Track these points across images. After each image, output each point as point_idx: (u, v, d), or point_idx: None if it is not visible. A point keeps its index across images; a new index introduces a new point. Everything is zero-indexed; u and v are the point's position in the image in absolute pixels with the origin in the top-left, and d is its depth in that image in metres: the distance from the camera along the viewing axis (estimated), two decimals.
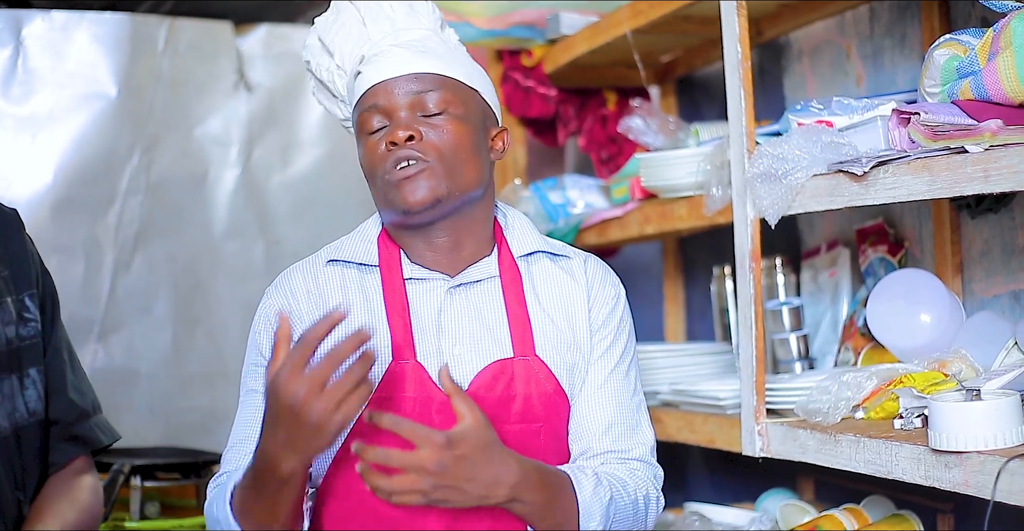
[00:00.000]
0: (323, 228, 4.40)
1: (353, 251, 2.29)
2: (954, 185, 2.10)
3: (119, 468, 3.51)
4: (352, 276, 2.27)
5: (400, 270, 2.25)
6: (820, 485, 3.41)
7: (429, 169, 2.17)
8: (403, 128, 2.17)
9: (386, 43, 2.28)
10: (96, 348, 4.08)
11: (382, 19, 2.33)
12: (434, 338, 2.21)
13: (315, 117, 4.49)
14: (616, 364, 2.33)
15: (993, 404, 2.05)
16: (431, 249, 2.25)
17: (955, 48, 2.34)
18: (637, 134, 3.44)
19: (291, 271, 2.31)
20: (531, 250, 2.33)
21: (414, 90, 2.21)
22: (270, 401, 1.94)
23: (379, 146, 2.21)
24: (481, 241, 2.29)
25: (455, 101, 2.23)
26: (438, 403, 2.16)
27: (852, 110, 2.61)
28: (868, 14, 3.17)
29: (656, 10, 3.16)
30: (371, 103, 2.22)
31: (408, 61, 2.23)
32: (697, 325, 4.04)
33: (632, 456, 2.30)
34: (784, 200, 2.50)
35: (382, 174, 2.20)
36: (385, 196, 2.21)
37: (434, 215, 2.20)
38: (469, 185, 2.22)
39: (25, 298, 2.25)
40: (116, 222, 4.13)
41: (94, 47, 4.13)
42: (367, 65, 2.26)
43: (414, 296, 2.24)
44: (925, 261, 2.96)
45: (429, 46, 2.28)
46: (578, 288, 2.33)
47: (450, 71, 2.24)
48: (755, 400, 2.65)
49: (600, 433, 2.28)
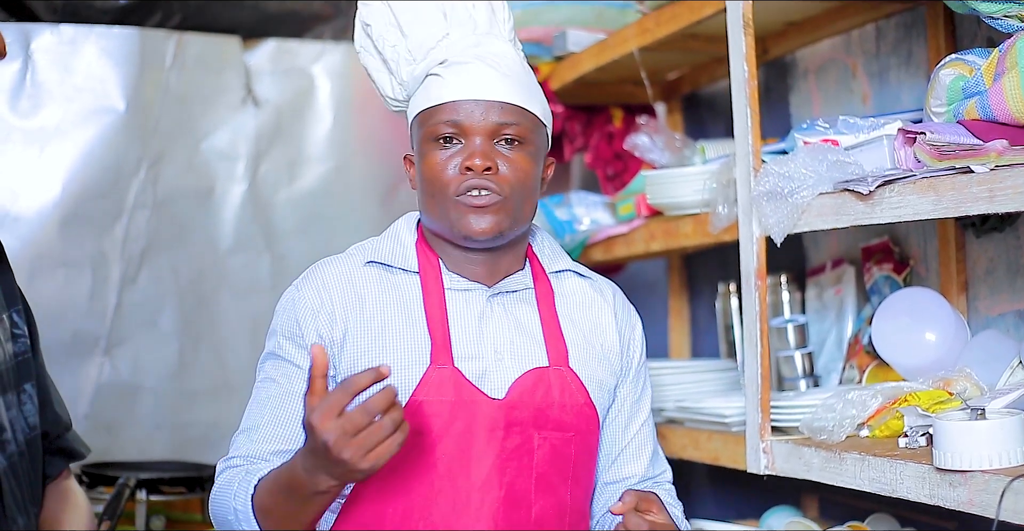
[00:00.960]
0: (329, 243, 4.39)
1: (391, 255, 2.31)
2: (960, 205, 2.11)
3: (124, 482, 3.52)
4: (390, 280, 2.29)
5: (440, 278, 2.28)
6: (824, 503, 3.41)
7: (500, 204, 2.21)
8: (481, 156, 2.19)
9: (470, 52, 2.27)
10: (102, 362, 4.08)
11: (464, 18, 2.33)
12: (474, 344, 2.25)
13: (322, 132, 4.49)
14: (642, 391, 2.44)
15: (998, 423, 2.05)
16: (470, 263, 2.29)
17: (961, 68, 2.35)
18: (643, 151, 3.44)
19: (323, 266, 2.32)
20: (561, 268, 2.41)
21: (497, 119, 2.22)
22: (307, 433, 1.97)
23: (450, 164, 2.22)
24: (517, 258, 2.34)
25: (530, 137, 2.26)
26: (473, 407, 2.20)
27: (858, 129, 2.62)
28: (874, 33, 3.18)
29: (663, 28, 3.17)
30: (451, 117, 2.23)
31: (495, 85, 2.24)
32: (702, 342, 4.04)
33: (666, 479, 2.45)
34: (790, 218, 2.50)
35: (452, 194, 2.21)
36: (448, 215, 2.23)
37: (491, 245, 2.25)
38: (527, 218, 2.29)
39: (13, 314, 2.26)
40: (123, 236, 4.14)
41: (102, 61, 4.14)
42: (450, 72, 2.26)
43: (454, 303, 2.27)
44: (930, 279, 2.97)
45: (514, 70, 2.28)
46: (607, 308, 2.41)
47: (531, 105, 2.27)
48: (760, 417, 2.65)
49: (648, 460, 2.40)
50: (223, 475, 2.22)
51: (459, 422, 2.19)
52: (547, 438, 2.19)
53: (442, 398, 2.19)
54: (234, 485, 2.16)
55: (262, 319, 4.32)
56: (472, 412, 2.20)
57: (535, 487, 2.20)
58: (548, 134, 2.35)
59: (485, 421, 2.19)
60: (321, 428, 1.92)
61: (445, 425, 2.19)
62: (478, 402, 2.20)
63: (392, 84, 2.38)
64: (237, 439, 2.26)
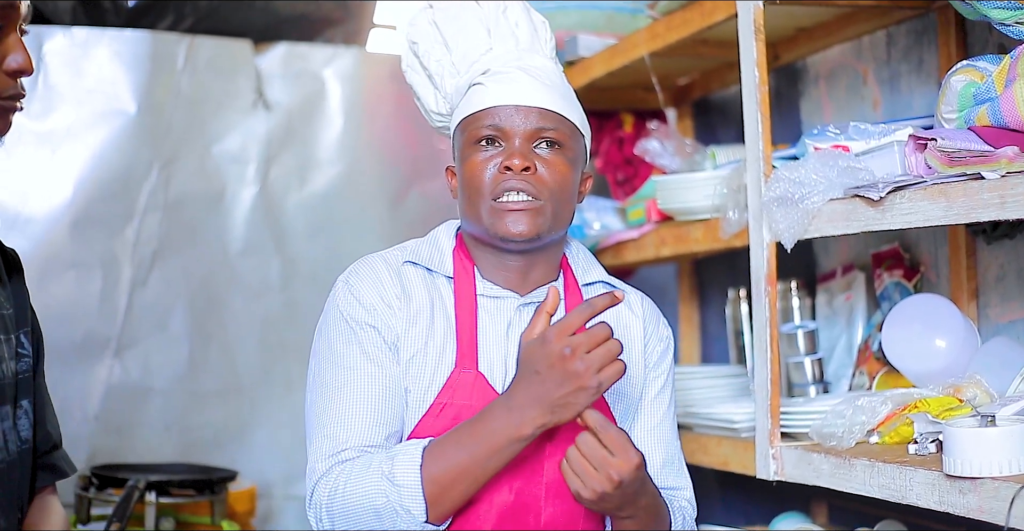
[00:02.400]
0: (339, 247, 4.41)
1: (429, 258, 2.33)
2: (970, 211, 2.11)
3: (134, 484, 3.52)
4: (429, 281, 2.31)
5: (474, 284, 2.30)
6: (834, 509, 3.41)
7: (539, 207, 2.23)
8: (520, 156, 2.23)
9: (512, 64, 2.32)
10: (112, 364, 4.09)
11: (507, 34, 2.38)
12: (500, 351, 2.27)
13: (333, 136, 4.50)
14: (668, 405, 2.44)
15: (1008, 430, 2.04)
16: (504, 269, 2.31)
17: (972, 74, 2.35)
18: (654, 156, 3.45)
19: (370, 261, 2.32)
20: (594, 280, 2.42)
21: (537, 124, 2.26)
22: (535, 353, 2.01)
23: (489, 164, 2.25)
24: (551, 268, 2.36)
25: (568, 143, 2.29)
26: None
27: (869, 135, 2.62)
28: (885, 39, 3.18)
29: (673, 33, 3.17)
30: (491, 121, 2.26)
31: (537, 92, 2.28)
32: (712, 348, 4.04)
33: (683, 496, 2.42)
34: (800, 224, 2.50)
35: (490, 196, 2.24)
36: (486, 217, 2.25)
37: (527, 247, 2.28)
38: (563, 225, 2.31)
39: (21, 335, 2.30)
40: (134, 238, 4.14)
41: (114, 64, 4.15)
42: (492, 81, 2.30)
43: (485, 310, 2.30)
44: (941, 286, 2.96)
45: (554, 81, 2.33)
46: (636, 321, 2.43)
47: (571, 114, 2.31)
48: (769, 423, 2.65)
49: (656, 471, 2.36)
50: (342, 470, 2.12)
51: None
52: (560, 447, 2.19)
53: (465, 402, 2.21)
54: (376, 470, 2.08)
55: (272, 321, 4.38)
56: None
57: (545, 493, 2.20)
58: (587, 146, 2.38)
59: None
60: (561, 338, 1.96)
61: None
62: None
63: (436, 98, 2.42)
64: (331, 435, 2.18)
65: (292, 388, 4.30)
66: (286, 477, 4.32)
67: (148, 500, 3.58)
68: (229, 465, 4.09)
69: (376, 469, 2.08)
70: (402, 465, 2.07)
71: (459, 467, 2.06)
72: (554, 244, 2.35)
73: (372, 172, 4.56)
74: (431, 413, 2.20)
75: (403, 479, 2.06)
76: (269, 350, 4.34)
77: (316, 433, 2.20)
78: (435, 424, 2.19)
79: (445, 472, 2.06)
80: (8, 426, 2.20)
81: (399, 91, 4.50)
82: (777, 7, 2.73)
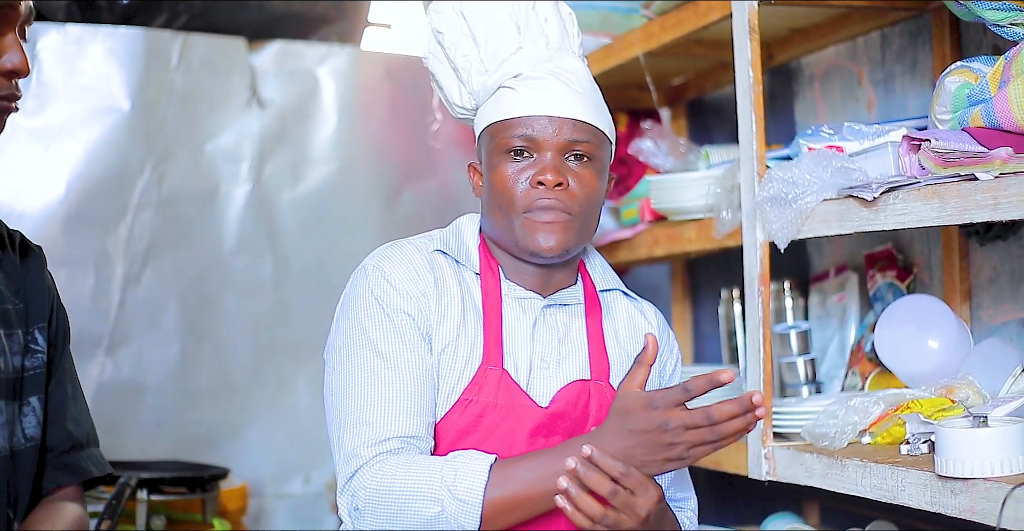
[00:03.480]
0: (333, 245, 4.40)
1: (458, 250, 2.31)
2: (964, 212, 2.11)
3: (126, 481, 3.51)
4: (459, 273, 2.30)
5: (499, 283, 2.29)
6: (825, 510, 3.41)
7: (569, 222, 2.22)
8: (553, 172, 2.20)
9: (543, 67, 2.29)
10: (104, 361, 4.09)
11: (536, 32, 2.34)
12: (525, 350, 2.26)
13: (327, 134, 4.50)
14: None
15: (1000, 431, 2.05)
16: (526, 272, 2.30)
17: (966, 75, 2.35)
18: (648, 156, 3.45)
19: (402, 247, 2.30)
20: (611, 287, 2.41)
21: (569, 136, 2.23)
22: (636, 413, 1.99)
23: (521, 177, 2.23)
24: (570, 273, 2.35)
25: (600, 155, 2.28)
26: (521, 411, 2.20)
27: (863, 136, 2.62)
28: (880, 40, 3.18)
29: (668, 33, 3.17)
30: (524, 132, 2.23)
31: (570, 102, 2.26)
32: (705, 347, 4.04)
33: (689, 506, 2.43)
34: (794, 224, 2.50)
35: (521, 209, 2.22)
36: (518, 230, 2.23)
37: (555, 261, 2.27)
38: (590, 236, 2.31)
39: (35, 331, 2.27)
40: (127, 236, 4.14)
41: (108, 61, 4.14)
42: (524, 86, 2.27)
43: (511, 309, 2.28)
44: (934, 287, 2.97)
45: (585, 86, 2.30)
46: (651, 330, 2.41)
47: (603, 124, 2.29)
48: (762, 423, 2.65)
49: (667, 484, 2.35)
50: (393, 463, 2.09)
51: (506, 424, 2.19)
52: None
53: (491, 399, 2.20)
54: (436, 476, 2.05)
55: (265, 319, 4.37)
56: (519, 416, 2.20)
57: None
58: (612, 150, 2.37)
59: (530, 426, 2.20)
60: (663, 414, 1.95)
61: (491, 426, 2.19)
62: (525, 406, 2.21)
63: (461, 93, 2.39)
64: (371, 422, 2.14)
65: (284, 386, 4.30)
66: (277, 475, 4.32)
67: (139, 498, 3.58)
68: (221, 463, 4.09)
69: (436, 475, 2.05)
70: (466, 479, 2.04)
71: (524, 494, 2.03)
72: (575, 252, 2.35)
73: (366, 171, 4.56)
74: (456, 409, 2.18)
75: (465, 495, 2.03)
76: (261, 348, 4.34)
77: (353, 419, 2.15)
78: (459, 420, 2.18)
79: (509, 497, 2.04)
80: (2, 421, 2.19)
81: (393, 90, 4.50)
82: (772, 7, 2.73)
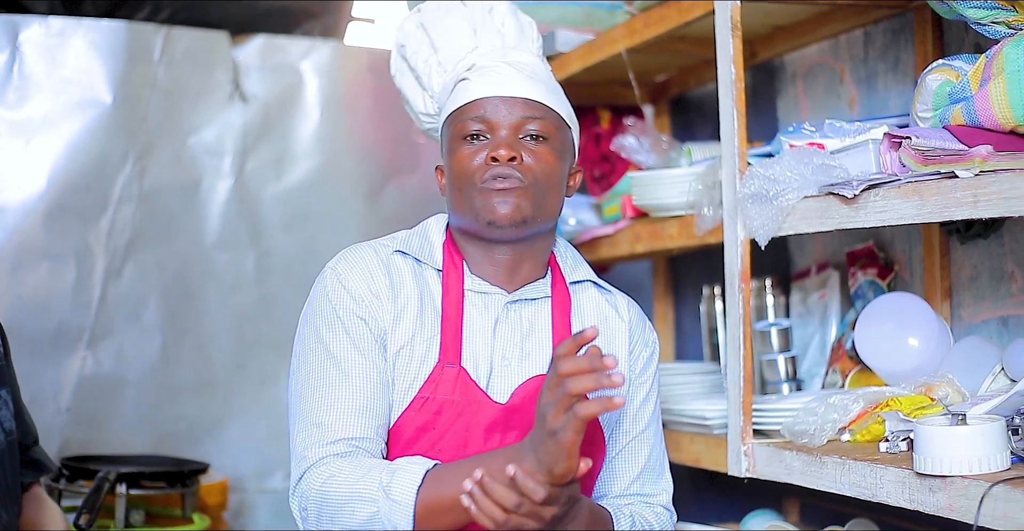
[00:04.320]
0: (315, 240, 4.39)
1: (420, 249, 2.34)
2: (944, 210, 2.11)
3: (105, 475, 3.50)
4: (419, 272, 2.32)
5: (462, 279, 2.31)
6: (805, 507, 3.42)
7: (523, 189, 2.24)
8: (506, 147, 2.24)
9: (497, 59, 2.34)
10: (85, 355, 4.07)
11: (493, 32, 2.42)
12: (486, 347, 2.28)
13: (309, 129, 4.48)
14: (653, 412, 2.46)
15: (979, 429, 2.05)
16: (492, 264, 2.32)
17: (948, 73, 2.35)
18: (630, 152, 3.45)
19: (360, 250, 2.33)
20: (582, 278, 2.43)
21: (523, 114, 2.28)
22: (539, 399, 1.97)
23: (476, 156, 2.26)
24: (538, 264, 2.37)
25: (555, 134, 2.30)
26: (476, 407, 2.22)
27: (844, 133, 2.62)
28: (862, 38, 3.18)
29: (651, 29, 3.17)
30: (478, 114, 2.28)
31: (523, 84, 2.30)
32: (686, 344, 4.04)
33: (658, 501, 2.44)
34: (775, 221, 2.50)
35: (477, 182, 2.25)
36: (473, 203, 2.26)
37: (512, 234, 2.28)
38: (549, 215, 2.32)
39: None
40: (108, 229, 4.12)
41: (90, 54, 4.12)
42: (477, 75, 2.31)
43: (473, 305, 2.30)
44: (914, 285, 2.97)
45: (539, 74, 2.35)
46: (621, 324, 2.43)
47: (557, 106, 2.33)
48: (742, 420, 2.65)
49: (632, 477, 2.39)
50: (337, 465, 2.12)
51: (461, 421, 2.22)
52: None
53: (447, 396, 2.22)
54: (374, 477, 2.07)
55: (246, 314, 4.36)
56: (474, 412, 2.22)
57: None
58: (574, 139, 2.39)
59: (485, 422, 2.22)
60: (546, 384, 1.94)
61: (447, 423, 2.21)
62: (481, 403, 2.23)
63: (424, 98, 2.44)
64: (321, 423, 2.17)
65: (266, 381, 4.29)
66: (258, 471, 4.31)
67: (119, 492, 3.56)
68: (201, 458, 4.08)
69: (375, 477, 2.07)
70: (401, 481, 2.05)
71: (453, 497, 2.01)
72: (542, 240, 2.35)
73: (349, 165, 4.55)
74: (413, 406, 2.21)
75: (399, 495, 2.04)
76: (243, 343, 4.33)
77: (305, 420, 2.19)
78: (416, 418, 2.20)
79: (440, 499, 2.04)
80: None
81: (377, 85, 4.49)
82: (754, 4, 2.73)
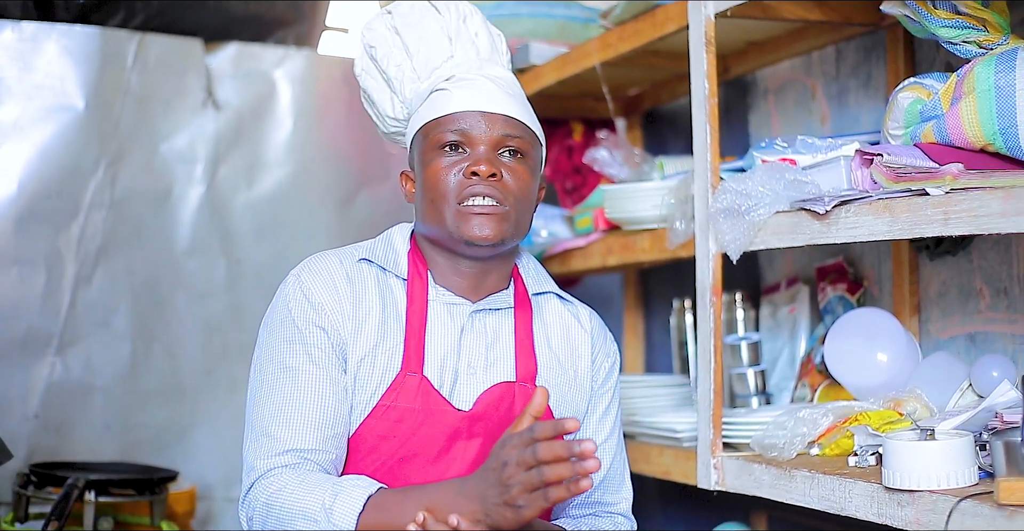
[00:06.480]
0: (287, 248, 4.39)
1: (384, 257, 2.33)
2: (914, 227, 2.13)
3: (73, 482, 3.48)
4: (383, 281, 2.32)
5: (426, 288, 2.31)
6: (774, 520, 3.42)
7: (504, 213, 2.25)
8: (487, 163, 2.24)
9: (475, 71, 2.34)
10: (54, 361, 4.05)
11: (467, 43, 2.41)
12: (452, 356, 2.28)
13: (282, 137, 4.48)
14: (614, 422, 2.46)
15: (947, 444, 2.07)
16: (458, 275, 2.33)
17: (919, 92, 2.37)
18: (602, 165, 3.46)
19: (324, 258, 2.32)
20: (544, 290, 2.44)
21: (503, 132, 2.28)
22: (497, 451, 1.93)
23: (453, 169, 2.26)
24: (503, 276, 2.38)
25: (531, 152, 2.32)
26: (439, 416, 2.22)
27: (816, 149, 2.64)
28: (834, 55, 3.20)
29: (625, 43, 3.18)
30: (457, 126, 2.28)
31: (503, 101, 2.31)
32: (656, 357, 4.05)
33: (617, 510, 2.44)
34: (746, 236, 2.51)
35: (455, 200, 2.25)
36: (451, 221, 2.25)
37: (488, 253, 2.29)
38: (523, 233, 2.33)
39: None
40: (79, 235, 4.11)
41: (63, 59, 4.11)
42: (457, 87, 2.31)
43: (438, 315, 2.30)
44: (883, 301, 2.99)
45: (515, 90, 2.37)
46: (583, 334, 2.44)
47: (531, 123, 2.34)
48: (711, 433, 2.66)
49: (594, 487, 2.38)
50: (284, 478, 2.12)
51: (423, 429, 2.22)
52: None
53: (408, 405, 2.22)
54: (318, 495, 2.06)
55: (216, 322, 4.35)
56: (436, 421, 2.22)
57: None
58: (543, 156, 2.41)
59: (448, 430, 2.22)
60: (513, 450, 1.89)
61: (409, 431, 2.21)
62: (443, 412, 2.23)
63: (394, 103, 2.42)
64: (271, 434, 2.17)
65: (235, 389, 4.27)
66: (227, 479, 4.30)
67: (87, 499, 3.55)
68: (170, 466, 4.06)
69: (319, 495, 2.07)
70: (343, 504, 2.05)
71: (394, 526, 2.01)
72: (508, 253, 2.36)
73: (321, 174, 4.54)
74: (374, 414, 2.21)
75: (339, 518, 2.04)
76: (212, 351, 4.32)
77: (256, 431, 2.20)
78: (377, 426, 2.20)
79: (377, 526, 2.03)
80: None
81: (350, 94, 4.49)
82: (728, 20, 2.74)
